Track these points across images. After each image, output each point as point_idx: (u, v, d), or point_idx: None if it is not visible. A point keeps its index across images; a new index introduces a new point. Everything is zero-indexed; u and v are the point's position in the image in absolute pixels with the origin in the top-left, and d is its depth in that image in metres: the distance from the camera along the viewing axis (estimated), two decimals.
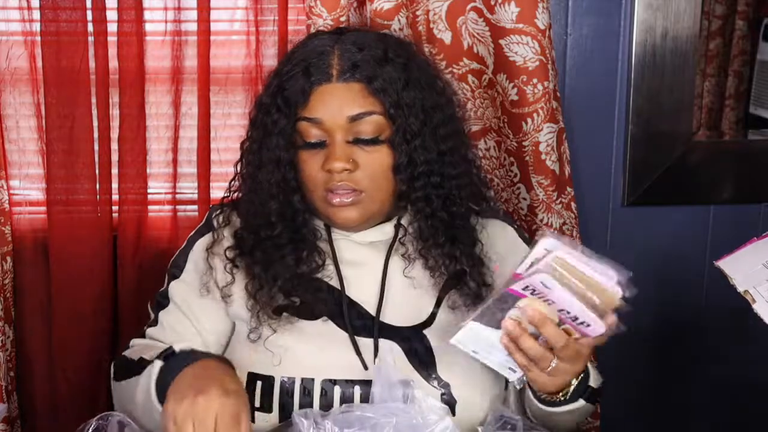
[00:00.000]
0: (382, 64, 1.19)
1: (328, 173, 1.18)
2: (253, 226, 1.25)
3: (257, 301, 1.22)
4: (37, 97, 1.67)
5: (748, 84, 2.14)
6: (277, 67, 1.26)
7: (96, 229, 1.69)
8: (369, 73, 1.18)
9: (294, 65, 1.21)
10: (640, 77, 1.75)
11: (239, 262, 1.25)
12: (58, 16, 1.61)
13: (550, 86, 1.59)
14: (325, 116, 1.18)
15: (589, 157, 1.78)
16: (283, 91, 1.20)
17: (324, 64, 1.19)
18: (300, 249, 1.24)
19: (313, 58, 1.20)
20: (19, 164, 1.72)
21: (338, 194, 1.19)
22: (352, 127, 1.18)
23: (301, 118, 1.19)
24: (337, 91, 1.18)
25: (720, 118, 2.17)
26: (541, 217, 1.66)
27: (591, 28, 1.75)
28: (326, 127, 1.18)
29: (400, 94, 1.19)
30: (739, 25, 2.12)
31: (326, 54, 1.20)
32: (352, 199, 1.19)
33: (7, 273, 1.68)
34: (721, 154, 1.90)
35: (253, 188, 1.25)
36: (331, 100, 1.18)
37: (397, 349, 1.20)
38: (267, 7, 1.66)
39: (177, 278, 1.30)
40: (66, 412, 1.74)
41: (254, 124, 1.26)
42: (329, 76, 1.18)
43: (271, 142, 1.21)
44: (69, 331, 1.71)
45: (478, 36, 1.59)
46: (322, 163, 1.18)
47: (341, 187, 1.18)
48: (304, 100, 1.18)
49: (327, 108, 1.18)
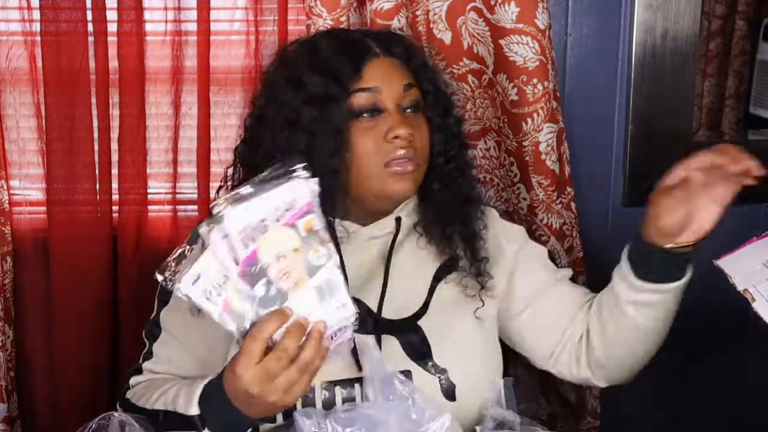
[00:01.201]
0: (412, 48, 1.28)
1: (390, 142, 1.18)
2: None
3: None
4: (37, 97, 1.67)
5: (748, 84, 2.14)
6: (290, 55, 1.26)
7: (96, 229, 1.69)
8: (405, 53, 1.25)
9: (321, 45, 1.22)
10: (640, 77, 1.75)
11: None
12: (58, 16, 1.61)
13: (550, 86, 1.59)
14: (383, 85, 1.20)
15: (589, 157, 1.78)
16: (323, 66, 1.19)
17: (364, 45, 1.22)
18: None
19: (347, 42, 1.23)
20: (19, 164, 1.72)
21: (400, 163, 1.19)
22: (404, 96, 1.22)
23: (357, 89, 1.19)
24: (386, 64, 1.22)
25: (720, 118, 2.17)
26: (541, 217, 1.66)
27: (591, 28, 1.75)
28: (383, 96, 1.20)
29: (430, 77, 1.27)
30: (739, 25, 2.12)
31: (359, 40, 1.24)
32: (412, 167, 1.20)
33: (7, 273, 1.68)
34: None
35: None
36: (385, 72, 1.21)
37: (395, 342, 1.21)
38: (267, 7, 1.66)
39: (167, 305, 1.27)
40: (66, 412, 1.74)
41: (276, 103, 1.21)
42: (376, 53, 1.22)
43: (324, 115, 1.17)
44: (69, 331, 1.71)
45: (478, 36, 1.59)
46: (385, 133, 1.18)
47: (404, 155, 1.19)
48: (356, 73, 1.19)
49: (382, 78, 1.20)
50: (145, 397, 1.20)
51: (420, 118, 1.24)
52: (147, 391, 1.22)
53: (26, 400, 1.77)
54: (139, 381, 1.28)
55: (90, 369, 1.73)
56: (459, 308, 1.26)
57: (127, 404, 1.24)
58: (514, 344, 1.34)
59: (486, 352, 1.27)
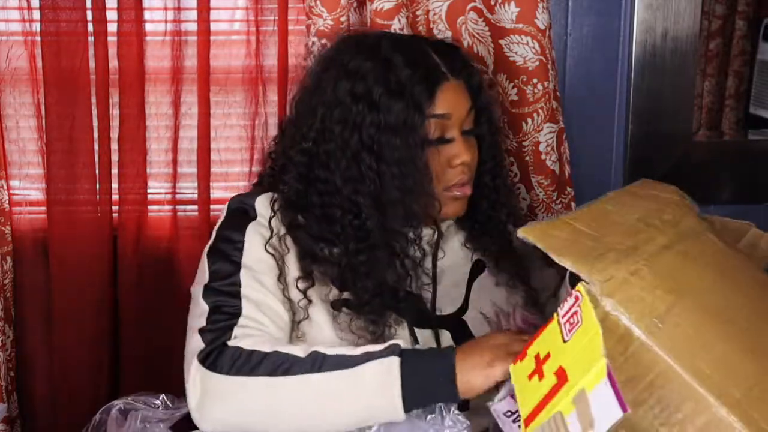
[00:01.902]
0: (472, 67, 1.28)
1: (454, 167, 1.21)
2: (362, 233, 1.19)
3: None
4: (37, 97, 1.67)
5: (748, 84, 2.14)
6: (354, 65, 1.20)
7: (96, 229, 1.69)
8: (467, 73, 1.25)
9: (394, 60, 1.19)
10: (640, 77, 1.76)
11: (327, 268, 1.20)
12: (58, 16, 1.61)
13: (550, 86, 1.59)
14: (453, 111, 1.21)
15: (589, 157, 1.78)
16: (400, 87, 1.18)
17: (435, 65, 1.21)
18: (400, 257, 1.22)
19: (418, 60, 1.21)
20: (19, 164, 1.72)
21: (462, 188, 1.23)
22: (466, 120, 1.23)
23: (431, 115, 1.19)
24: (455, 88, 1.22)
25: (720, 118, 2.17)
26: (541, 217, 1.66)
27: (591, 28, 1.75)
28: (451, 123, 1.21)
29: (482, 90, 1.29)
30: (739, 25, 2.12)
31: (429, 57, 1.23)
32: (469, 191, 1.24)
33: (7, 273, 1.68)
34: (721, 154, 1.91)
35: (364, 189, 1.18)
36: (454, 96, 1.21)
37: (448, 336, 1.25)
38: (267, 7, 1.66)
39: (239, 264, 1.19)
40: (66, 412, 1.74)
41: (346, 119, 1.19)
42: (445, 75, 1.21)
43: (403, 143, 1.17)
44: (69, 331, 1.71)
45: (478, 36, 1.59)
46: (449, 159, 1.21)
47: (465, 179, 1.22)
48: (430, 97, 1.19)
49: (452, 103, 1.21)
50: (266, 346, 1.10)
51: (473, 138, 1.26)
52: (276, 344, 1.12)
53: (26, 400, 1.77)
54: (247, 335, 1.13)
55: (90, 369, 1.73)
56: (493, 302, 1.30)
57: (236, 352, 1.09)
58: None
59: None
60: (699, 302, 0.89)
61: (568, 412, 0.79)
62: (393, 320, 1.20)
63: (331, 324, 1.19)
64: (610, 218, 1.00)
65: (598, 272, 0.87)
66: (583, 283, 0.86)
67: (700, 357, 0.83)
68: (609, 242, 0.93)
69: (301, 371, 1.06)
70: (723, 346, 0.85)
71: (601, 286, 0.85)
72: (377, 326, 1.17)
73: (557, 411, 0.81)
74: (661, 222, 0.99)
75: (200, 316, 1.15)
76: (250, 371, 1.07)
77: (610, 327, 0.84)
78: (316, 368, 1.06)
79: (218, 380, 1.07)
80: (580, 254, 0.90)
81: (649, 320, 0.84)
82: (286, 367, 1.06)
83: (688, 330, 0.85)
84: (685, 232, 0.99)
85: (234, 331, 1.12)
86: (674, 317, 0.86)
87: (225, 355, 1.08)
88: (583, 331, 0.81)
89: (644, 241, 0.94)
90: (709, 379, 0.82)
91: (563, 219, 0.99)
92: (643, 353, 0.84)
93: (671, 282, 0.90)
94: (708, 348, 0.85)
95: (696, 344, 0.84)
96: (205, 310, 1.15)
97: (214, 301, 1.16)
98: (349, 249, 1.18)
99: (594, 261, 0.89)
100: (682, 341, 0.84)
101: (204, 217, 1.69)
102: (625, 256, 0.90)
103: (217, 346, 1.10)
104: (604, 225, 0.97)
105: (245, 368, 1.07)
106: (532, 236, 0.94)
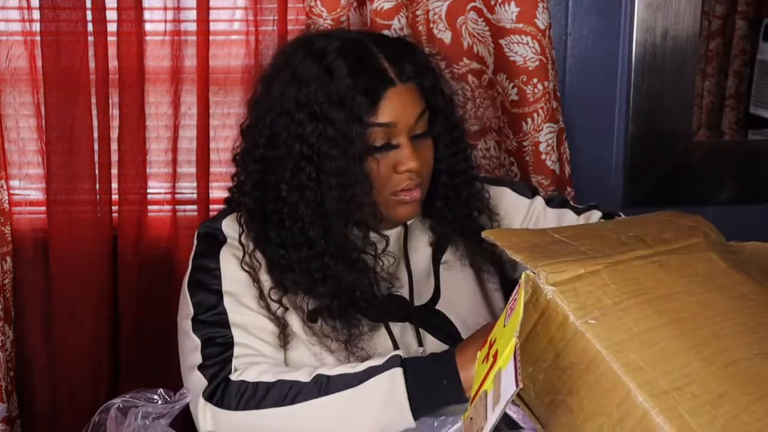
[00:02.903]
0: (424, 66, 1.23)
1: (402, 174, 1.19)
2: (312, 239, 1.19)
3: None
4: (37, 97, 1.67)
5: (748, 84, 2.14)
6: (300, 70, 1.19)
7: (96, 229, 1.69)
8: (418, 74, 1.21)
9: (336, 70, 1.17)
10: (640, 77, 1.76)
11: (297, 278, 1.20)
12: (58, 16, 1.61)
13: (550, 86, 1.59)
14: (399, 119, 1.18)
15: (589, 157, 1.78)
16: (340, 98, 1.16)
17: (378, 67, 1.18)
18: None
19: (363, 66, 1.18)
20: (19, 164, 1.72)
21: (410, 192, 1.20)
22: (416, 126, 1.20)
23: (373, 124, 1.16)
24: (402, 94, 1.18)
25: (720, 118, 2.17)
26: None
27: (591, 28, 1.75)
28: (397, 130, 1.18)
29: (437, 91, 1.24)
30: (739, 25, 2.13)
31: (374, 61, 1.19)
32: (418, 194, 1.22)
33: (7, 273, 1.68)
34: (721, 154, 1.91)
35: (308, 198, 1.17)
36: (400, 103, 1.18)
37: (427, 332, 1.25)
38: (267, 7, 1.66)
39: (220, 291, 1.21)
40: (66, 412, 1.74)
41: (282, 132, 1.18)
42: (392, 81, 1.18)
43: (342, 153, 1.15)
44: (69, 331, 1.71)
45: (478, 36, 1.59)
46: (395, 165, 1.18)
47: (413, 184, 1.20)
48: (372, 106, 1.16)
49: (398, 111, 1.18)
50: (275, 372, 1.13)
51: (427, 141, 1.23)
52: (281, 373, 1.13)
53: (26, 400, 1.77)
54: (242, 365, 1.15)
55: (90, 369, 1.73)
56: (464, 284, 1.30)
57: (240, 387, 1.11)
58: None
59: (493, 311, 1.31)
60: (655, 303, 0.89)
61: (490, 390, 0.84)
62: (366, 322, 1.20)
63: (304, 330, 1.20)
64: (599, 233, 1.00)
65: (548, 266, 0.88)
66: (528, 272, 0.88)
67: (635, 350, 0.84)
68: (580, 248, 0.93)
69: (308, 397, 1.08)
70: (667, 344, 0.85)
71: (546, 276, 0.86)
72: (349, 329, 1.19)
73: (484, 390, 0.86)
74: (653, 239, 0.99)
75: (194, 350, 1.16)
76: (257, 404, 1.09)
77: (551, 314, 0.86)
78: (322, 392, 1.08)
79: (230, 416, 1.09)
80: (540, 253, 0.91)
81: (589, 311, 0.85)
82: (293, 396, 1.08)
83: (630, 324, 0.86)
84: (678, 249, 0.99)
85: (233, 363, 1.14)
86: (619, 311, 0.86)
87: (230, 390, 1.10)
88: (515, 316, 0.85)
89: (622, 252, 0.94)
90: (639, 371, 0.82)
91: (545, 230, 1.00)
92: (578, 340, 0.85)
93: (630, 284, 0.90)
94: (650, 344, 0.85)
95: (636, 339, 0.85)
96: (197, 344, 1.16)
97: (205, 333, 1.17)
98: (302, 256, 1.18)
99: (550, 258, 0.90)
100: (620, 333, 0.84)
101: (204, 217, 1.69)
102: (589, 258, 0.91)
103: (220, 381, 1.12)
104: (587, 237, 0.97)
105: (252, 402, 1.09)
106: (493, 236, 0.95)
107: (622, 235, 0.99)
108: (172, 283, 1.71)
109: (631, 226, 1.04)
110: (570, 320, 0.85)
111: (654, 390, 0.81)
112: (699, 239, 1.03)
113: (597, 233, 1.00)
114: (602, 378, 0.83)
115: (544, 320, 0.86)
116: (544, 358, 0.88)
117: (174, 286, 1.70)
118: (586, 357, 0.84)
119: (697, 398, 0.82)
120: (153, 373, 1.70)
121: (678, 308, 0.90)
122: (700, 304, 0.92)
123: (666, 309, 0.89)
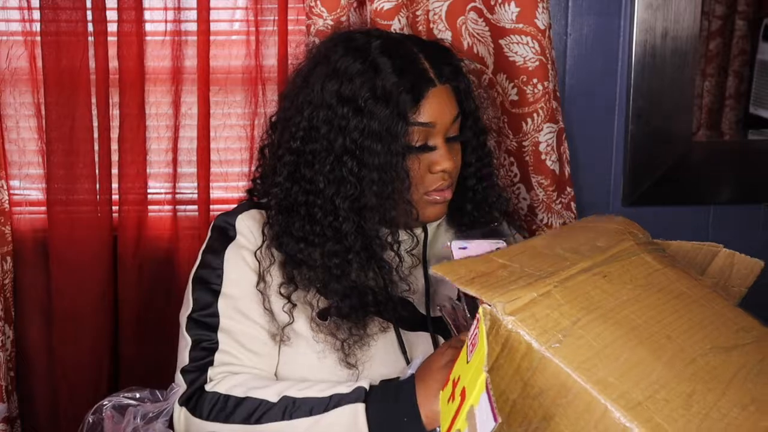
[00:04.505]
0: (460, 71, 1.26)
1: (436, 174, 1.21)
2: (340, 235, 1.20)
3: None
4: (37, 97, 1.67)
5: (748, 84, 2.14)
6: (342, 65, 1.19)
7: (96, 229, 1.69)
8: (455, 76, 1.24)
9: (381, 66, 1.18)
10: (640, 77, 1.76)
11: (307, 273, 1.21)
12: (58, 16, 1.61)
13: (550, 86, 1.59)
14: (437, 120, 1.20)
15: (589, 157, 1.78)
16: (385, 94, 1.17)
17: (420, 67, 1.20)
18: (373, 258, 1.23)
19: (406, 64, 1.19)
20: (19, 164, 1.72)
21: (442, 192, 1.23)
22: (451, 127, 1.22)
23: (415, 122, 1.18)
24: (441, 95, 1.21)
25: (720, 118, 2.17)
26: (541, 217, 1.66)
27: (591, 28, 1.75)
28: (435, 131, 1.20)
29: (470, 95, 1.27)
30: (739, 25, 2.12)
31: (416, 60, 1.21)
32: (449, 195, 1.24)
33: (7, 273, 1.68)
34: (721, 154, 1.90)
35: (348, 193, 1.18)
36: (439, 104, 1.20)
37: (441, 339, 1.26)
38: (267, 7, 1.66)
39: (218, 293, 1.23)
40: (66, 412, 1.74)
41: (327, 125, 1.19)
42: (432, 81, 1.20)
43: (385, 149, 1.16)
44: (69, 331, 1.71)
45: (478, 36, 1.59)
46: (430, 165, 1.21)
47: (445, 185, 1.22)
48: (415, 104, 1.18)
49: (437, 112, 1.20)
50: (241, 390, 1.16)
51: (458, 144, 1.26)
52: (251, 386, 1.17)
53: (26, 400, 1.77)
54: (221, 374, 1.19)
55: (90, 369, 1.73)
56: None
57: (210, 398, 1.16)
58: None
59: None
60: (609, 316, 0.90)
61: (464, 429, 0.84)
62: (375, 324, 1.21)
63: (310, 327, 1.21)
64: (537, 251, 1.01)
65: (502, 295, 0.88)
66: (485, 305, 0.88)
67: (603, 366, 0.85)
68: (526, 271, 0.94)
69: (273, 419, 1.12)
70: (630, 355, 0.86)
71: (503, 306, 0.87)
72: (356, 329, 1.20)
73: (457, 429, 0.85)
74: (589, 249, 1.01)
75: (184, 348, 1.22)
76: (226, 418, 1.14)
77: (513, 345, 0.86)
78: (286, 415, 1.12)
79: (200, 424, 1.15)
80: (490, 283, 0.91)
81: (551, 335, 0.86)
82: (258, 416, 1.13)
83: (591, 342, 0.86)
84: (614, 255, 1.00)
85: (209, 372, 1.19)
86: (579, 330, 0.87)
87: (203, 400, 1.16)
88: (478, 351, 0.84)
89: (564, 267, 0.95)
90: (610, 387, 0.83)
91: (488, 256, 1.00)
92: (546, 367, 0.85)
93: (582, 300, 0.91)
94: (614, 357, 0.85)
95: (600, 355, 0.85)
96: (188, 343, 1.21)
97: (195, 334, 1.22)
98: (325, 250, 1.19)
99: (502, 287, 0.90)
100: (584, 352, 0.85)
101: (204, 217, 1.70)
102: (537, 280, 0.92)
103: (196, 390, 1.18)
104: (525, 256, 0.99)
105: (222, 415, 1.14)
106: (441, 271, 0.96)
107: (557, 248, 1.01)
108: (173, 283, 1.71)
109: (560, 238, 1.06)
110: (535, 347, 0.85)
111: (629, 403, 0.82)
112: (630, 242, 1.05)
113: (534, 251, 1.01)
114: (576, 399, 0.84)
115: (506, 351, 0.87)
116: (511, 389, 0.87)
117: (174, 286, 1.71)
118: (557, 381, 0.84)
119: (669, 403, 0.83)
120: (153, 373, 1.70)
121: (630, 317, 0.91)
122: (648, 308, 0.94)
123: (620, 319, 0.90)
